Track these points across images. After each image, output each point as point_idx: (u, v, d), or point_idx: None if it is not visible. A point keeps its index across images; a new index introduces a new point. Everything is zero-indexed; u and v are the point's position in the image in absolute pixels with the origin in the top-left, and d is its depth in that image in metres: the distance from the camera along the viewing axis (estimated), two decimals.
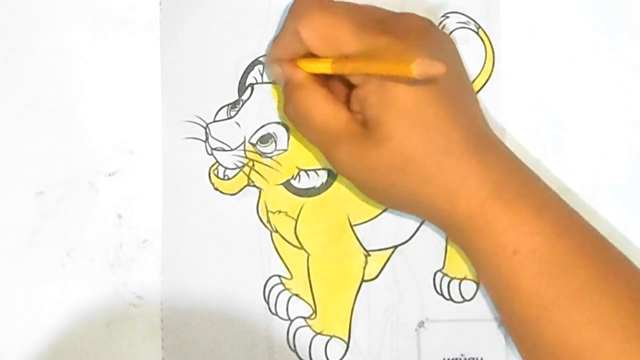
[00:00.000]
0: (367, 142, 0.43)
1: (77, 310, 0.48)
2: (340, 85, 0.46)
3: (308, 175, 0.49)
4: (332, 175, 0.49)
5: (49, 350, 0.48)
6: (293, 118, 0.45)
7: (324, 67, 0.44)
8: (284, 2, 0.49)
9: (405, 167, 0.42)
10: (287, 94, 0.46)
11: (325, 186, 0.49)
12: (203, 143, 0.49)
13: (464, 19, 0.49)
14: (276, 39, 0.47)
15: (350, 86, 0.45)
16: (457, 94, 0.43)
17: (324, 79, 0.46)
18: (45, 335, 0.48)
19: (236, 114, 0.49)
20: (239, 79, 0.49)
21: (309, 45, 0.44)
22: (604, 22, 0.49)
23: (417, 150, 0.42)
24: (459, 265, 0.48)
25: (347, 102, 0.45)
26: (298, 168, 0.49)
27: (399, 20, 0.44)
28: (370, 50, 0.42)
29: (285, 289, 0.48)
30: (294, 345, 0.48)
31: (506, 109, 0.48)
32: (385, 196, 0.45)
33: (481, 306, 0.48)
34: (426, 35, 0.44)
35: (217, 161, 0.49)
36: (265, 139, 0.49)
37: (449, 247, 0.48)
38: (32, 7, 0.50)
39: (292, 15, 0.45)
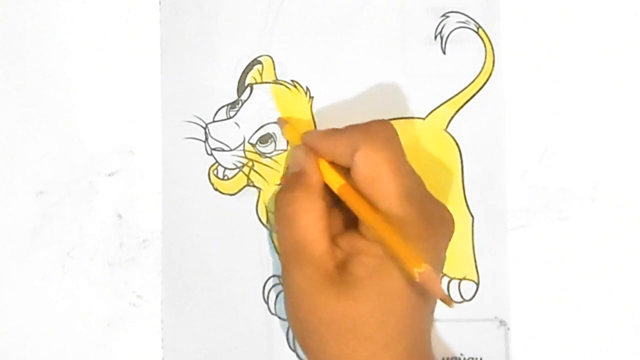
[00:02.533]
0: (331, 287, 0.41)
1: (77, 310, 0.48)
2: (344, 209, 0.44)
3: None
4: None
5: (49, 350, 0.48)
6: (279, 207, 0.44)
7: (335, 182, 0.44)
8: (283, 3, 0.49)
9: (347, 335, 0.41)
10: (292, 184, 0.44)
11: None
12: (203, 143, 0.49)
13: (464, 18, 0.49)
14: (329, 135, 0.45)
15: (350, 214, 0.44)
16: (427, 313, 0.43)
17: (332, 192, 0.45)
18: (45, 335, 0.48)
19: (235, 114, 0.49)
20: (238, 79, 0.49)
21: (353, 169, 0.43)
22: (604, 21, 0.49)
23: (365, 330, 0.41)
24: (459, 266, 0.48)
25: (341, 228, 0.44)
26: None
27: (433, 205, 0.43)
28: (400, 221, 0.41)
29: None
30: (294, 346, 0.48)
31: (506, 109, 0.48)
32: (308, 343, 0.43)
33: (481, 306, 0.48)
34: (444, 230, 0.43)
35: (216, 161, 0.49)
36: (265, 139, 0.49)
37: (448, 247, 0.48)
38: (32, 7, 0.50)
39: (366, 128, 0.43)
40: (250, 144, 0.49)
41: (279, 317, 0.48)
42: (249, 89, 0.49)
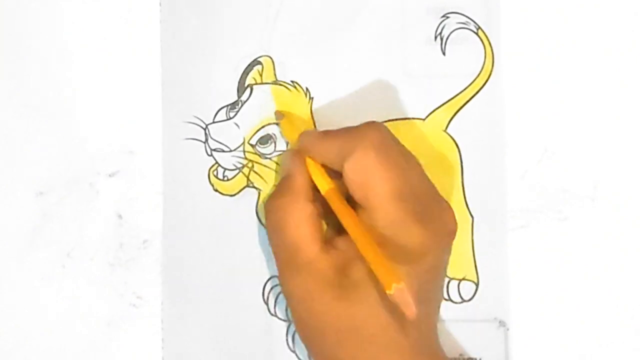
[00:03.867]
0: (329, 291, 0.41)
1: (77, 310, 0.49)
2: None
3: None
4: None
5: (49, 350, 0.48)
6: (269, 215, 0.44)
7: (324, 186, 0.43)
8: (283, 3, 0.49)
9: (348, 337, 0.41)
10: (280, 190, 0.44)
11: None
12: (202, 144, 0.49)
13: (464, 19, 0.49)
14: (321, 138, 0.44)
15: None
16: (427, 302, 0.43)
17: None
18: (45, 335, 0.48)
19: (235, 114, 0.49)
20: (238, 79, 0.49)
21: (344, 175, 0.42)
22: (604, 21, 0.49)
23: (366, 330, 0.41)
24: (458, 266, 0.48)
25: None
26: None
27: (433, 208, 0.43)
28: (393, 224, 0.41)
29: None
30: (294, 346, 0.48)
31: (506, 109, 0.48)
32: (311, 346, 0.43)
33: (480, 307, 0.48)
34: (445, 235, 0.43)
35: (216, 162, 0.49)
36: (265, 139, 0.49)
37: None
38: (32, 7, 0.50)
39: (357, 133, 0.43)
40: (250, 144, 0.49)
41: (279, 318, 0.48)
42: (249, 89, 0.49)
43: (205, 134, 0.49)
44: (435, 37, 0.49)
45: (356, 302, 0.41)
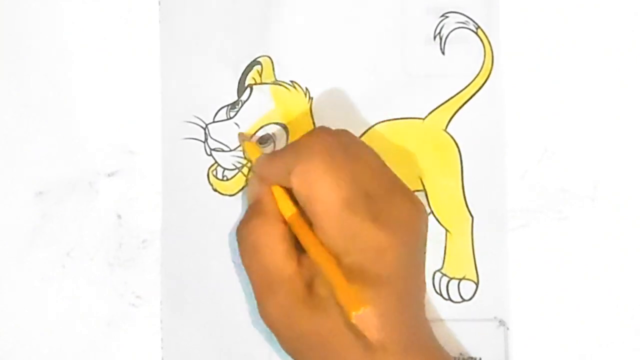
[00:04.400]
0: (304, 308, 0.41)
1: (77, 310, 0.49)
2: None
3: None
4: None
5: (49, 350, 0.48)
6: (241, 240, 0.44)
7: (287, 211, 0.43)
8: (282, 3, 0.49)
9: (324, 350, 0.41)
10: (249, 214, 0.44)
11: None
12: (202, 144, 0.49)
13: (463, 18, 0.49)
14: (268, 160, 0.45)
15: None
16: (406, 294, 0.42)
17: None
18: (45, 335, 0.48)
19: (235, 114, 0.49)
20: (238, 79, 0.49)
21: (293, 191, 0.42)
22: (604, 21, 0.49)
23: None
24: (458, 266, 0.48)
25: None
26: None
27: (391, 205, 0.42)
28: (346, 234, 0.41)
29: None
30: None
31: (506, 108, 0.48)
32: (294, 357, 0.43)
33: (480, 306, 0.48)
34: (409, 230, 0.42)
35: (216, 162, 0.49)
36: (265, 139, 0.49)
37: (448, 247, 0.48)
38: (32, 7, 0.50)
39: (299, 146, 0.43)
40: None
41: None
42: (249, 89, 0.49)
43: (205, 133, 0.49)
44: (435, 37, 0.49)
45: (325, 319, 0.41)
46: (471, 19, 0.49)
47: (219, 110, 0.49)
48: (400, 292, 0.42)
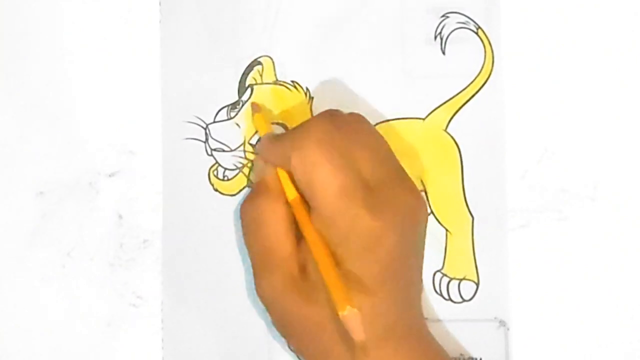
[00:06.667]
0: (297, 292, 0.42)
1: (77, 310, 0.48)
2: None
3: None
4: None
5: (49, 350, 0.48)
6: (243, 217, 0.44)
7: (290, 192, 0.43)
8: (283, 3, 0.49)
9: (320, 335, 0.42)
10: (253, 193, 0.45)
11: None
12: (203, 144, 0.49)
13: (464, 19, 0.49)
14: (270, 142, 0.45)
15: None
16: (398, 289, 0.42)
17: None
18: (45, 335, 0.48)
19: (236, 114, 0.49)
20: (238, 79, 0.49)
21: (294, 176, 0.42)
22: (604, 21, 0.49)
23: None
24: (459, 266, 0.48)
25: None
26: None
27: (391, 195, 0.42)
28: (344, 221, 0.41)
29: None
30: None
31: (506, 108, 0.48)
32: (291, 342, 0.44)
33: (481, 306, 0.48)
34: (406, 221, 0.42)
35: (216, 162, 0.49)
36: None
37: (448, 248, 0.48)
38: (32, 7, 0.50)
39: (300, 131, 0.43)
40: (251, 144, 0.49)
41: None
42: (249, 89, 0.49)
43: (206, 133, 0.49)
44: (435, 37, 0.49)
45: (314, 307, 0.41)
46: (472, 19, 0.49)
47: (219, 110, 0.49)
48: (393, 287, 0.42)
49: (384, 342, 0.41)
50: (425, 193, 0.48)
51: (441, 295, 0.48)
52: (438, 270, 0.48)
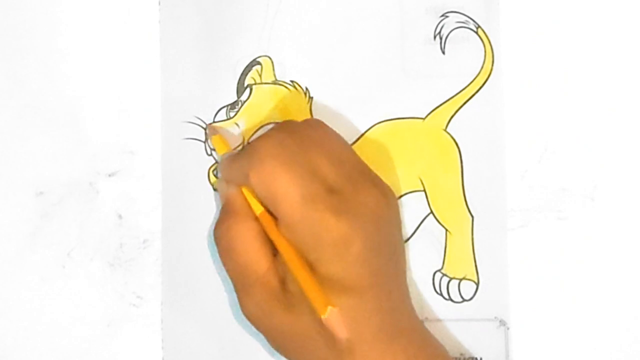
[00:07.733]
0: (279, 304, 0.42)
1: (77, 310, 0.49)
2: None
3: None
4: None
5: (49, 350, 0.48)
6: (218, 242, 0.44)
7: (256, 208, 0.43)
8: (282, 3, 0.49)
9: (304, 344, 0.42)
10: (222, 215, 0.44)
11: None
12: (202, 144, 0.49)
13: (463, 18, 0.49)
14: (228, 162, 0.45)
15: None
16: (379, 286, 0.42)
17: None
18: (45, 335, 0.48)
19: (235, 114, 0.49)
20: (237, 79, 0.49)
21: (255, 193, 0.43)
22: (604, 21, 0.49)
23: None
24: (459, 266, 0.48)
25: None
26: None
27: (356, 195, 0.42)
28: (310, 226, 0.41)
29: None
30: None
31: (506, 108, 0.48)
32: (280, 352, 0.44)
33: (480, 306, 0.48)
34: (375, 219, 0.42)
35: (216, 162, 0.49)
36: None
37: (448, 247, 0.48)
38: (32, 7, 0.50)
39: (255, 146, 0.43)
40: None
41: None
42: (248, 89, 0.49)
43: (205, 133, 0.49)
44: (435, 37, 0.49)
45: (298, 316, 0.42)
46: (471, 19, 0.49)
47: (219, 110, 0.49)
48: (372, 285, 0.42)
49: (370, 344, 0.41)
50: (425, 193, 0.48)
51: (441, 295, 0.48)
52: (438, 270, 0.48)
